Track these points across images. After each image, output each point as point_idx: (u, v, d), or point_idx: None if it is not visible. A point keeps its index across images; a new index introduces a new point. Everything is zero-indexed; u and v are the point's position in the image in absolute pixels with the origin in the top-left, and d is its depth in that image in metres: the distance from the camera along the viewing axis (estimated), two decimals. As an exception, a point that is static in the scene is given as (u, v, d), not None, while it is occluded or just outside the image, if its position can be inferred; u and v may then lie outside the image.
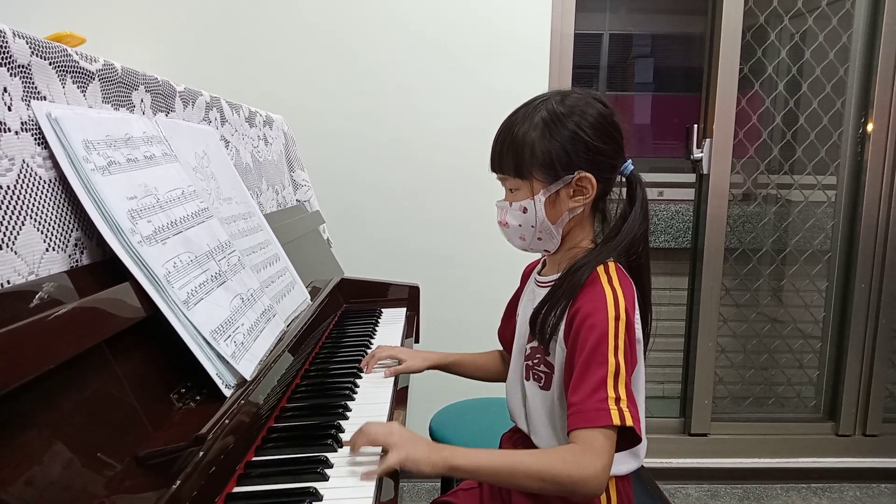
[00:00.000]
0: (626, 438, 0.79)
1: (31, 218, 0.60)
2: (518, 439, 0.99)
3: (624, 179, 0.90)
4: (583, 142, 0.84)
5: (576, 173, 0.84)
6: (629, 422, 0.76)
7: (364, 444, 0.78)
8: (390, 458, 0.74)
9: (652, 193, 2.74)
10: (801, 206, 2.21)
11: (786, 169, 2.20)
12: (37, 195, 0.61)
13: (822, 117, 2.10)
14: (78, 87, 0.71)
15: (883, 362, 2.11)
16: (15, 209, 0.58)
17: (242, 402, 0.74)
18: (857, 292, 2.09)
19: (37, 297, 0.57)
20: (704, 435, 2.16)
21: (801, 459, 2.15)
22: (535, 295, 0.94)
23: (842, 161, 2.12)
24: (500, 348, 1.14)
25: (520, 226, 0.89)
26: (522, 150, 0.85)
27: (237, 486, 0.73)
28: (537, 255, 0.98)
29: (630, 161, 0.89)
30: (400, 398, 1.05)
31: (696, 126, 2.04)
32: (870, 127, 2.03)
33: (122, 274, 0.66)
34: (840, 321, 2.16)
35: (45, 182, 0.62)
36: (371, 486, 0.73)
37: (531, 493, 0.88)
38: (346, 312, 1.48)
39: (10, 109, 0.59)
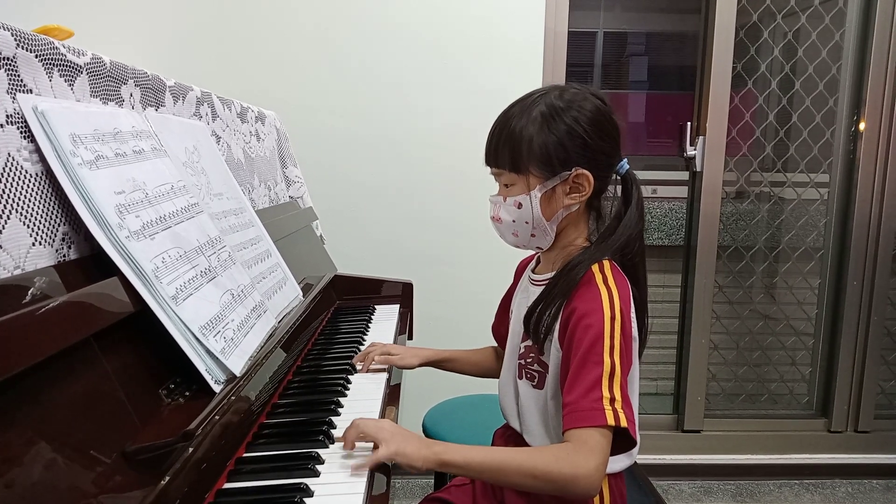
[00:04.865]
0: (621, 440, 0.79)
1: (17, 212, 0.59)
2: (510, 436, 0.99)
3: (619, 178, 0.90)
4: (580, 137, 0.83)
5: (573, 170, 0.84)
6: (623, 423, 0.75)
7: (355, 437, 0.78)
8: (381, 450, 0.74)
9: (645, 191, 2.74)
10: (793, 204, 2.22)
11: (779, 167, 2.21)
12: (23, 189, 0.60)
13: (814, 115, 2.11)
14: (65, 81, 0.70)
15: (875, 359, 2.12)
16: (0, 203, 0.57)
17: (232, 397, 0.74)
18: (849, 290, 2.10)
19: (23, 291, 0.57)
20: (697, 431, 2.16)
21: (793, 455, 2.16)
22: (529, 293, 0.94)
23: (834, 159, 2.12)
24: (494, 344, 1.14)
25: (513, 221, 0.88)
26: (520, 144, 0.84)
27: (227, 482, 0.73)
28: (530, 252, 0.98)
29: (626, 160, 0.89)
30: (392, 395, 1.04)
31: (689, 124, 2.05)
32: (862, 125, 2.04)
33: (111, 269, 0.65)
34: (832, 318, 2.17)
35: (31, 176, 0.62)
36: (362, 483, 0.73)
37: (524, 491, 0.88)
38: (339, 309, 1.47)
39: (-6, 102, 0.58)
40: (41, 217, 0.62)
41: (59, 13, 1.10)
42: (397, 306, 1.51)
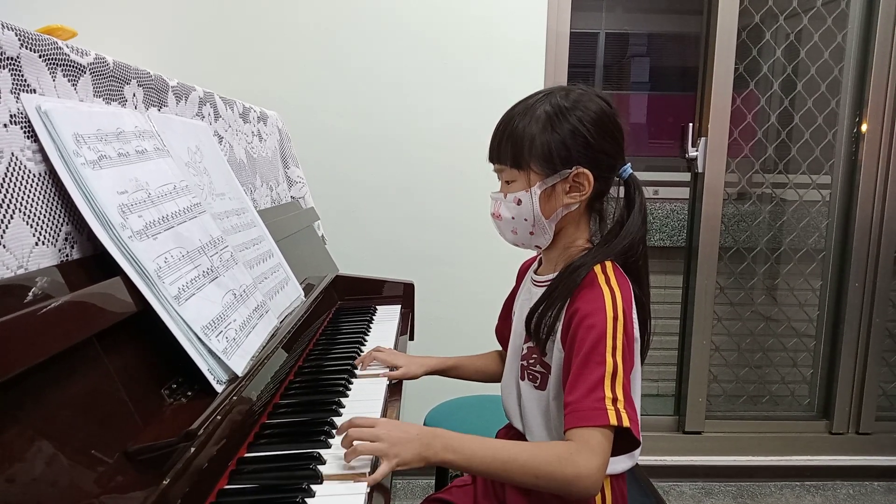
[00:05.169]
0: (624, 441, 0.79)
1: (20, 211, 0.59)
2: (513, 437, 0.99)
3: (622, 183, 0.90)
4: (583, 137, 0.84)
5: (573, 168, 0.84)
6: (626, 422, 0.75)
7: (354, 458, 0.75)
8: (381, 468, 0.73)
9: (647, 192, 2.76)
10: (795, 206, 2.22)
11: (780, 168, 2.20)
12: (26, 189, 0.60)
13: (816, 117, 2.11)
14: (69, 81, 0.70)
15: (876, 361, 2.12)
16: (3, 202, 0.57)
17: (234, 398, 0.73)
18: (850, 291, 2.10)
19: (26, 290, 0.57)
20: (699, 433, 2.16)
21: (794, 457, 2.16)
22: (531, 294, 0.94)
23: (836, 160, 2.12)
24: (498, 348, 1.14)
25: (513, 218, 0.88)
26: (522, 141, 0.85)
27: (229, 482, 0.73)
28: (531, 253, 0.98)
29: (629, 164, 0.89)
30: (394, 395, 1.04)
31: (691, 125, 2.05)
32: (864, 127, 2.03)
33: (113, 269, 0.65)
34: (834, 320, 2.17)
35: (34, 175, 0.62)
36: (363, 484, 0.73)
37: (526, 490, 0.88)
38: (340, 309, 1.47)
39: (-2, 102, 0.58)
40: (44, 217, 0.62)
41: (62, 13, 1.11)
42: (398, 307, 1.51)
